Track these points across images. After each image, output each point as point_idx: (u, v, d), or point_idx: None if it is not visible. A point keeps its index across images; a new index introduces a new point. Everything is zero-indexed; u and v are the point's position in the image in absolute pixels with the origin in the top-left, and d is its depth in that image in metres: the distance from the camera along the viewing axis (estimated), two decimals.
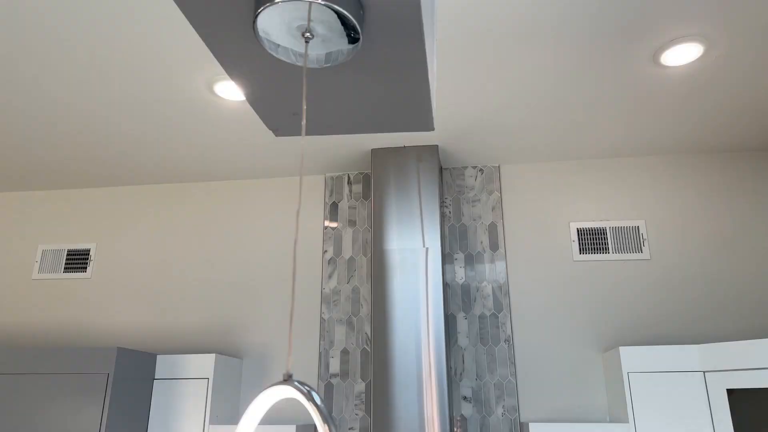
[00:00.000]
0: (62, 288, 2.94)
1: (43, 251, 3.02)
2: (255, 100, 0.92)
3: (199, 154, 2.73)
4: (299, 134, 1.00)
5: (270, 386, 0.59)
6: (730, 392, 2.05)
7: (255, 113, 2.37)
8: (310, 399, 0.57)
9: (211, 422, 2.34)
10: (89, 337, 2.85)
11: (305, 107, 0.89)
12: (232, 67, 0.83)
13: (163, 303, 2.85)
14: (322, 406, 0.58)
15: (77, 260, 2.97)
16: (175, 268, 2.90)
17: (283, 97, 0.93)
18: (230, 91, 2.19)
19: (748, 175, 2.67)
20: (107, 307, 2.89)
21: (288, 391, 0.57)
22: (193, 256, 2.92)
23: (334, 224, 2.86)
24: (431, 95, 0.94)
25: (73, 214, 3.09)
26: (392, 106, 0.94)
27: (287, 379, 0.58)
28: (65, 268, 2.96)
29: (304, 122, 0.76)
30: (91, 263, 2.96)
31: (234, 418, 2.55)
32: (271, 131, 2.36)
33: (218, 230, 2.95)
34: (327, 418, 0.58)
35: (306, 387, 0.57)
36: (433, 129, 0.97)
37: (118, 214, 3.05)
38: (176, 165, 2.85)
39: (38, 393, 2.18)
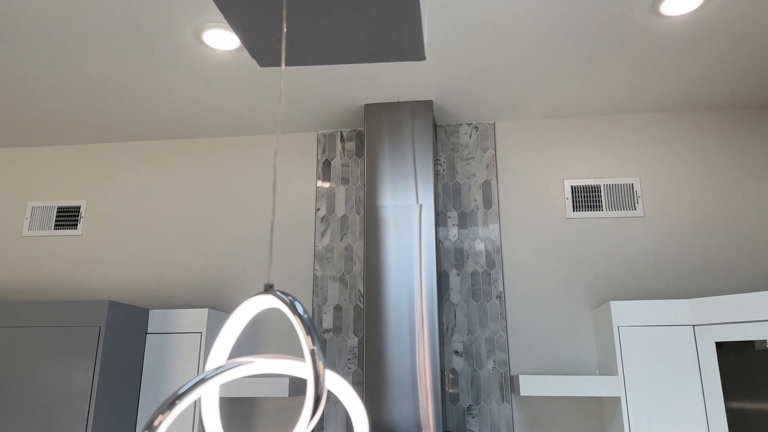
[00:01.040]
0: (53, 245, 2.93)
1: (33, 208, 2.98)
2: (238, 24, 0.89)
3: (190, 109, 2.68)
4: (285, 64, 0.96)
5: (251, 297, 0.58)
6: (719, 345, 2.07)
7: (245, 64, 2.32)
8: (293, 309, 0.56)
9: None
10: (81, 294, 2.84)
11: (286, 30, 0.86)
12: None
13: (155, 259, 2.83)
14: (306, 316, 0.57)
15: (67, 217, 2.94)
16: (166, 225, 2.88)
17: (268, 22, 0.89)
18: (219, 40, 2.13)
19: (744, 133, 2.65)
20: (99, 263, 2.88)
21: (270, 301, 0.56)
22: (185, 211, 2.89)
23: (326, 184, 2.84)
24: (422, 23, 0.91)
25: (62, 171, 3.04)
26: (381, 33, 0.90)
27: (268, 289, 0.56)
28: (56, 225, 2.94)
29: (284, 44, 0.72)
30: (82, 220, 2.93)
31: None
32: (257, 62, 2.31)
33: (209, 186, 2.92)
34: (310, 329, 0.56)
35: (289, 297, 0.56)
36: (424, 58, 0.94)
37: (108, 171, 3.01)
38: (166, 121, 2.80)
39: (30, 347, 2.18)
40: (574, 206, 2.63)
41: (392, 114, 2.59)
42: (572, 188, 2.66)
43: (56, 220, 2.95)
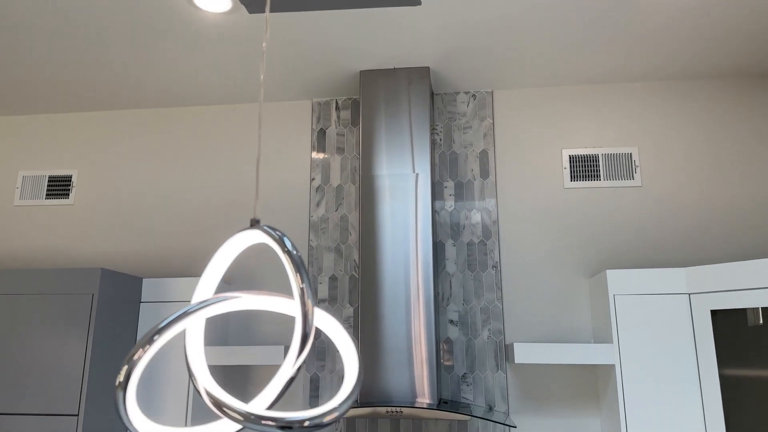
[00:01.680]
0: (45, 214, 2.89)
1: (24, 177, 2.94)
2: None
3: (182, 76, 2.62)
4: (272, 11, 0.92)
5: (237, 232, 0.55)
6: (714, 313, 2.07)
7: (238, 26, 2.26)
8: (281, 244, 0.54)
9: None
10: (74, 263, 2.82)
11: None
12: None
13: (148, 229, 2.80)
14: (295, 253, 0.54)
15: (59, 186, 2.90)
16: (159, 194, 2.85)
17: None
18: (211, 1, 2.07)
19: (744, 102, 2.61)
20: (91, 233, 2.85)
21: (257, 236, 0.54)
22: (177, 181, 2.86)
23: (321, 154, 2.80)
24: None
25: (52, 140, 2.99)
26: None
27: (255, 224, 0.54)
28: (47, 195, 2.90)
29: None
30: (74, 189, 2.89)
31: (222, 339, 2.57)
32: (245, 8, 2.27)
33: (202, 154, 2.88)
34: (299, 266, 0.54)
35: (277, 232, 0.54)
36: (419, 3, 0.90)
37: (100, 140, 2.96)
38: (158, 88, 2.74)
39: (23, 315, 2.16)
40: (572, 176, 2.61)
41: (388, 81, 2.55)
42: (570, 158, 2.63)
43: (47, 190, 2.91)
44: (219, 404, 0.52)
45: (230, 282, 2.70)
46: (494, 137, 2.71)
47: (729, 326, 2.05)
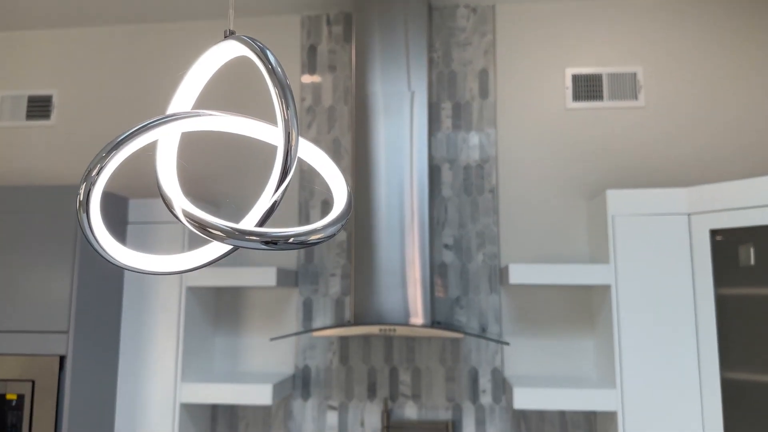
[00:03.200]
0: (25, 136, 2.78)
1: (2, 98, 2.81)
2: None
3: None
4: None
5: (213, 45, 0.48)
6: (714, 234, 2.03)
7: None
8: (263, 58, 0.46)
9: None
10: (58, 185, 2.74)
11: None
12: None
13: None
14: (279, 69, 0.47)
15: (39, 107, 2.78)
16: (143, 113, 2.73)
17: None
18: None
19: (751, 20, 2.48)
20: (73, 154, 2.75)
21: (235, 48, 0.46)
22: (162, 99, 2.73)
23: (312, 73, 2.66)
24: None
25: (31, 58, 2.84)
26: None
27: (230, 35, 0.46)
28: (27, 116, 2.78)
29: None
30: (54, 110, 2.77)
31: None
32: None
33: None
34: (283, 86, 0.47)
35: (258, 43, 0.46)
36: None
37: (79, 58, 2.81)
38: (138, 3, 2.57)
39: (6, 233, 2.10)
40: (575, 95, 2.50)
41: None
42: (573, 77, 2.52)
43: (28, 111, 2.78)
44: (201, 224, 0.48)
45: (219, 206, 2.63)
46: (495, 55, 2.58)
47: (727, 249, 2.02)
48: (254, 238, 0.48)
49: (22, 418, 2.01)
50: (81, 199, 0.49)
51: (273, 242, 0.48)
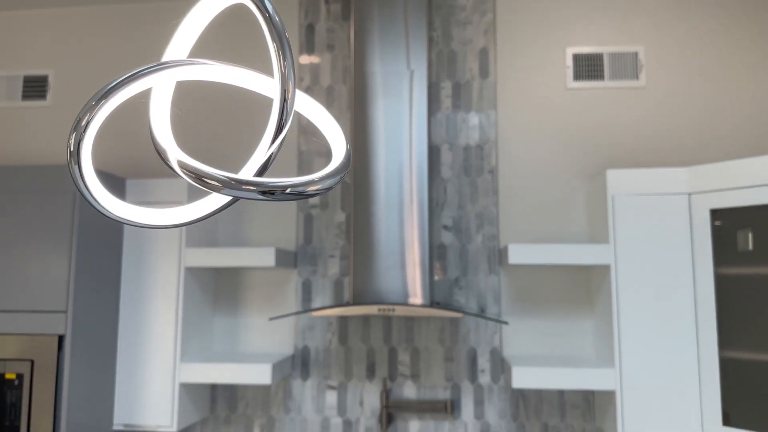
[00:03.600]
0: (21, 116, 2.76)
1: None
2: None
3: None
4: None
5: None
6: (714, 214, 2.02)
7: None
8: (259, 3, 0.45)
9: (187, 245, 2.31)
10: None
11: None
12: None
13: (130, 130, 2.68)
14: (277, 18, 0.46)
15: (35, 87, 2.75)
16: (140, 93, 2.70)
17: None
18: None
19: (753, 0, 2.45)
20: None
21: None
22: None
23: (311, 53, 2.64)
24: None
25: (26, 38, 2.80)
26: None
27: None
28: (23, 96, 2.75)
29: None
30: (50, 90, 2.74)
31: (211, 242, 2.53)
32: None
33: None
34: (281, 36, 0.45)
35: None
36: None
37: (76, 38, 2.78)
38: None
39: (1, 214, 2.08)
40: (575, 75, 2.48)
41: None
42: (574, 56, 2.49)
43: (23, 91, 2.76)
44: (197, 174, 0.47)
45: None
46: (495, 34, 2.55)
47: (726, 228, 2.02)
48: (251, 187, 0.47)
49: (21, 397, 2.02)
50: (71, 149, 0.48)
51: (270, 192, 0.47)
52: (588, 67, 2.48)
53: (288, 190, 0.48)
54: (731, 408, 1.93)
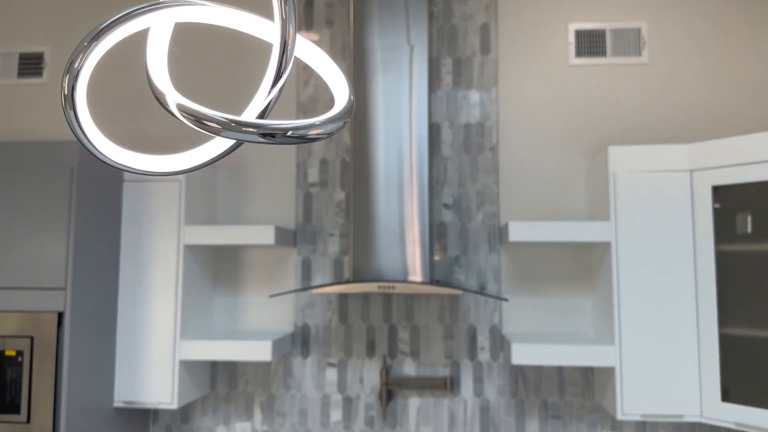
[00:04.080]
0: (17, 93, 2.73)
1: None
2: None
3: None
4: None
5: None
6: (716, 190, 2.01)
7: None
8: None
9: (186, 223, 2.29)
10: None
11: None
12: None
13: (127, 108, 2.66)
14: None
15: (30, 64, 2.72)
16: (137, 70, 2.67)
17: None
18: None
19: None
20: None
21: None
22: None
23: (310, 30, 2.60)
24: None
25: (22, 15, 2.76)
26: None
27: None
28: (19, 73, 2.72)
29: None
30: (46, 67, 2.71)
31: (210, 220, 2.52)
32: None
33: (177, 26, 2.68)
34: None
35: None
36: None
37: (72, 15, 2.74)
38: None
39: (1, 189, 2.07)
40: (577, 52, 2.45)
41: None
42: (576, 33, 2.46)
43: (19, 68, 2.72)
44: (196, 117, 0.46)
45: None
46: (497, 9, 2.52)
47: (729, 204, 2.00)
48: (251, 129, 0.46)
49: (21, 374, 2.02)
50: (65, 93, 0.46)
51: (271, 135, 0.46)
52: (590, 43, 2.44)
53: (289, 133, 0.46)
54: (730, 384, 1.94)
